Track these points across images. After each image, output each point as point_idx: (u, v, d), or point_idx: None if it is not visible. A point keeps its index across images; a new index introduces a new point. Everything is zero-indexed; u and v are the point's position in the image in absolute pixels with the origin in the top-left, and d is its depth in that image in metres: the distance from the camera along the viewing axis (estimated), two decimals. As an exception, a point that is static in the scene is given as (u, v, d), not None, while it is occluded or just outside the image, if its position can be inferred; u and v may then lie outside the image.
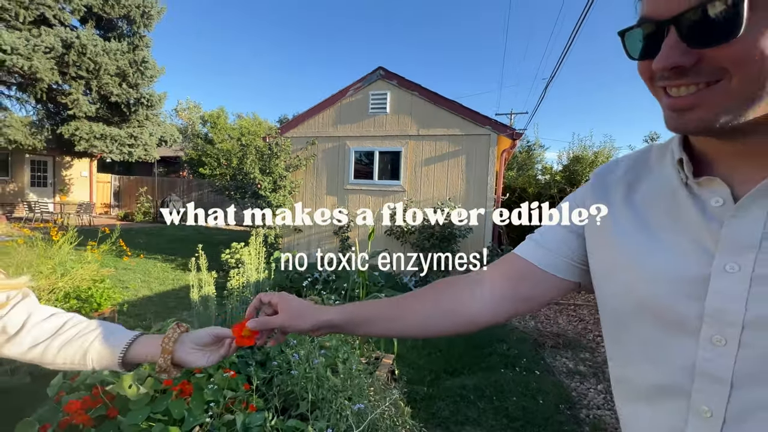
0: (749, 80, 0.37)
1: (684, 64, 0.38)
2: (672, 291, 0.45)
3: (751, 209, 0.41)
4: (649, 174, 0.53)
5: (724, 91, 0.38)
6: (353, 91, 6.28)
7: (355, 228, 6.30)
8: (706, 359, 0.43)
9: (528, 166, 11.49)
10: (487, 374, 3.23)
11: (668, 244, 0.47)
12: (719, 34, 0.36)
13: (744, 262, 0.41)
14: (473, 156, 5.76)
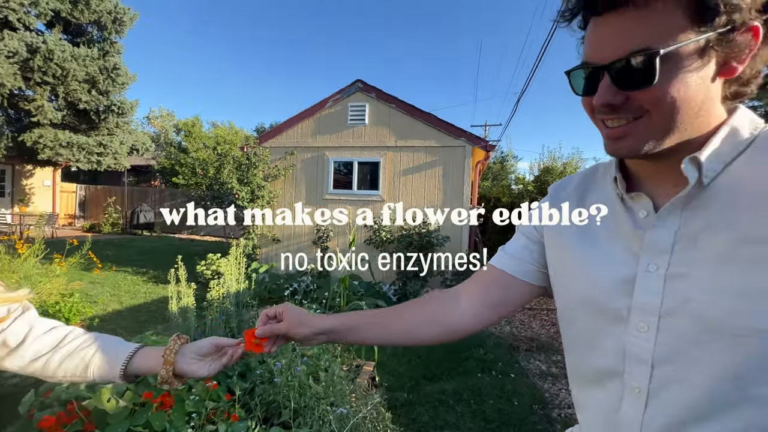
0: (664, 117, 0.46)
1: (615, 103, 0.47)
2: (608, 289, 0.54)
3: (667, 219, 0.50)
4: (596, 188, 0.63)
5: (646, 125, 0.47)
6: (332, 102, 6.37)
7: (335, 237, 6.32)
8: (632, 344, 0.51)
9: (502, 176, 11.89)
10: (465, 379, 3.32)
11: (607, 250, 0.56)
12: (640, 81, 0.45)
13: (661, 262, 0.49)
14: (449, 167, 5.94)
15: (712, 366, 0.45)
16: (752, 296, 0.42)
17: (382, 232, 5.73)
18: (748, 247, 0.43)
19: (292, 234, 6.60)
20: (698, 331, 0.46)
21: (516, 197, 8.90)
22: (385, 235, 5.72)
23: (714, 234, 0.46)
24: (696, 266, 0.47)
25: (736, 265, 0.44)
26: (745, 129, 0.48)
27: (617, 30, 0.45)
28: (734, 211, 0.45)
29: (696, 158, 0.47)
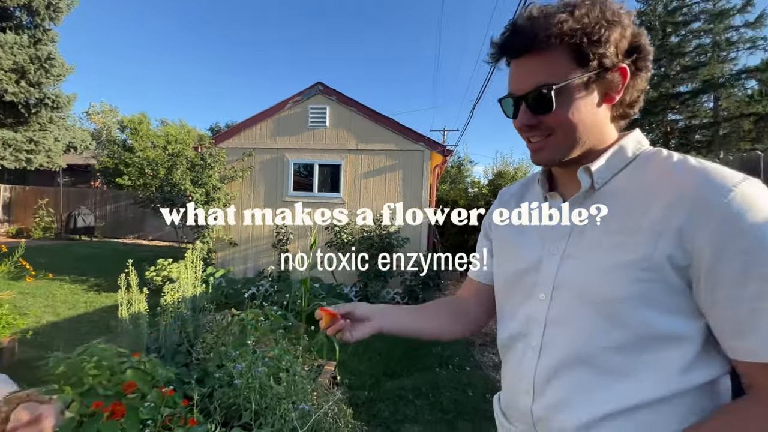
0: (567, 134, 0.62)
1: (531, 124, 0.62)
2: (525, 268, 0.70)
3: (567, 213, 0.66)
4: (531, 191, 0.79)
5: (555, 141, 0.63)
6: (292, 104, 6.32)
7: (295, 240, 6.25)
8: (534, 309, 0.66)
9: (459, 180, 12.37)
10: (424, 374, 3.46)
11: (529, 239, 0.71)
12: (544, 108, 0.60)
13: (560, 247, 0.65)
14: (409, 170, 6.12)
15: (581, 325, 0.60)
16: (605, 273, 0.57)
17: (344, 234, 5.77)
18: (610, 237, 0.59)
19: (250, 237, 6.43)
20: (575, 299, 0.61)
21: (472, 200, 9.32)
22: (346, 237, 5.76)
23: (594, 227, 0.61)
24: (579, 251, 0.62)
25: (601, 251, 0.59)
26: (630, 148, 0.63)
27: (527, 70, 0.61)
28: (612, 211, 0.60)
29: (588, 168, 0.62)
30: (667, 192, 0.55)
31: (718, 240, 0.50)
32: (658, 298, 0.55)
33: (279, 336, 2.21)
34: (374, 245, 5.57)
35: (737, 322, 0.50)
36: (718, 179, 0.52)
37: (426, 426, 2.65)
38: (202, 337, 2.21)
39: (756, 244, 0.48)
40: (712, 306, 0.52)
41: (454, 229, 9.63)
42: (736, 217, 0.49)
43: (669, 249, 0.53)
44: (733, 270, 0.49)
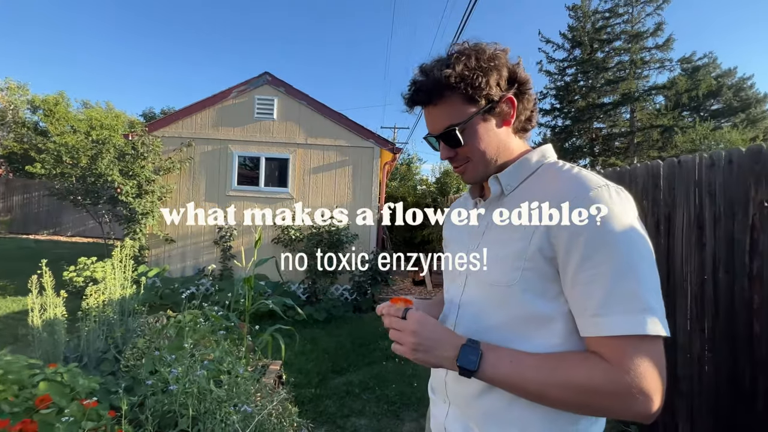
0: (480, 159, 0.75)
1: (451, 155, 0.76)
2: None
3: (482, 215, 0.79)
4: (468, 200, 0.91)
5: (473, 165, 0.76)
6: (237, 93, 6.00)
7: (239, 236, 5.98)
8: (454, 294, 0.80)
9: (408, 177, 12.64)
10: (371, 369, 3.53)
11: (460, 237, 0.84)
12: (456, 143, 0.74)
13: (476, 243, 0.77)
14: (359, 167, 6.13)
15: (479, 306, 0.74)
16: (496, 263, 0.71)
17: (291, 230, 5.63)
18: (505, 233, 0.71)
19: (188, 233, 6.02)
20: (478, 284, 0.75)
21: (420, 197, 9.59)
22: (294, 233, 5.63)
23: (496, 225, 0.74)
24: (485, 244, 0.75)
25: (497, 245, 0.72)
26: (534, 160, 0.76)
27: (433, 116, 0.75)
28: (510, 211, 0.71)
29: (497, 177, 0.75)
30: (545, 195, 0.67)
31: (570, 234, 0.61)
32: (534, 285, 0.66)
33: (220, 337, 2.11)
34: (323, 242, 5.52)
35: (578, 303, 0.62)
36: (581, 184, 0.64)
37: (372, 418, 2.71)
38: (133, 342, 2.04)
39: (594, 238, 0.59)
40: (566, 289, 0.63)
41: (402, 226, 9.86)
42: (588, 210, 0.60)
43: (539, 242, 0.64)
44: (576, 259, 0.60)
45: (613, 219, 0.59)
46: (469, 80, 0.68)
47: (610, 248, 0.58)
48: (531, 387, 0.61)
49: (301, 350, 3.72)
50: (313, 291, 5.49)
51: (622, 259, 0.58)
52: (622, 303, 0.57)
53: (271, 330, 2.40)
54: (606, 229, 0.59)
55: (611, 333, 0.57)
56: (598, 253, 0.59)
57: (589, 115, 19.34)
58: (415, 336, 0.66)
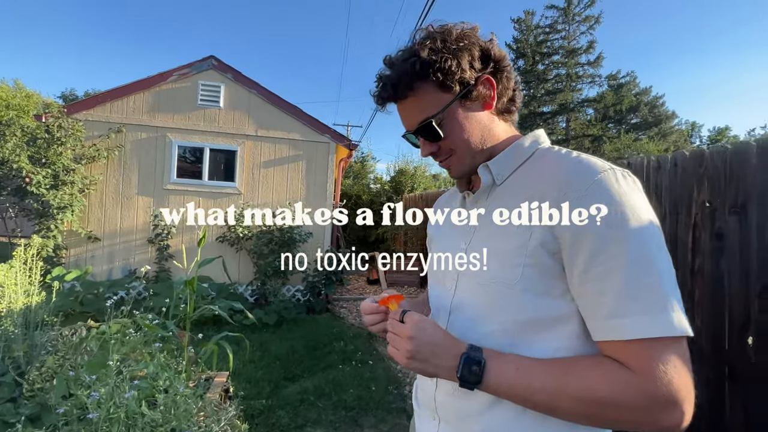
0: (465, 150, 0.67)
1: (433, 151, 0.69)
2: (441, 263, 0.74)
3: (474, 209, 0.71)
4: (455, 197, 0.83)
5: (457, 158, 0.69)
6: (177, 76, 5.44)
7: (179, 234, 5.44)
8: (443, 298, 0.71)
9: (362, 175, 12.54)
10: (327, 373, 3.35)
11: (448, 236, 0.76)
12: (435, 137, 0.66)
13: (468, 240, 0.69)
14: (313, 162, 5.88)
15: (476, 309, 0.65)
16: (495, 259, 0.62)
17: (239, 228, 5.24)
18: (502, 227, 0.63)
19: (118, 230, 5.35)
20: (472, 285, 0.66)
21: (375, 195, 9.52)
22: (242, 231, 5.24)
23: (490, 218, 0.65)
24: (479, 240, 0.67)
25: (494, 239, 0.64)
26: (526, 146, 0.69)
27: (407, 111, 0.68)
28: (506, 202, 0.64)
29: (487, 165, 0.67)
30: (545, 182, 0.60)
31: (577, 227, 0.54)
32: (536, 283, 0.58)
33: (155, 350, 1.83)
34: (274, 240, 5.21)
35: (589, 302, 0.54)
36: (586, 169, 0.57)
37: (329, 427, 2.56)
38: (40, 360, 1.69)
39: (605, 229, 0.52)
40: (573, 287, 0.56)
41: (356, 224, 9.72)
42: (595, 197, 0.53)
43: (542, 236, 0.57)
44: (585, 252, 0.53)
45: (625, 206, 0.52)
46: (439, 65, 0.62)
47: (624, 239, 0.51)
48: (540, 398, 0.54)
49: (251, 358, 3.44)
50: (262, 293, 5.15)
51: (638, 250, 0.51)
52: (642, 300, 0.50)
53: (217, 338, 2.14)
54: (618, 218, 0.52)
55: (633, 336, 0.49)
56: (611, 244, 0.51)
57: (530, 123, 20.68)
58: (412, 342, 0.57)
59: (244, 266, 5.55)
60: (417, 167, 9.33)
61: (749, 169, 1.62)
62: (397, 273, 7.01)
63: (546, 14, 20.81)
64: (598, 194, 0.53)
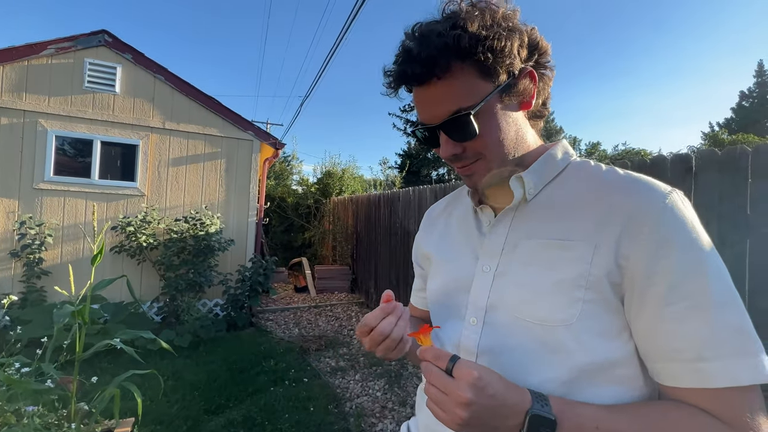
0: (495, 155, 0.57)
1: (457, 152, 0.57)
2: (455, 287, 0.63)
3: (498, 227, 0.60)
4: (460, 204, 0.73)
5: (484, 164, 0.58)
6: (55, 50, 4.42)
7: (57, 245, 4.41)
8: (465, 336, 0.59)
9: (285, 176, 11.90)
10: (257, 398, 2.99)
11: (460, 254, 0.65)
12: (466, 135, 0.54)
13: (492, 264, 0.59)
14: (234, 161, 5.32)
15: (517, 354, 0.54)
16: (542, 293, 0.52)
17: (142, 235, 4.45)
18: (545, 252, 0.54)
19: None
20: (510, 324, 0.55)
21: (300, 197, 9.08)
22: (145, 239, 4.47)
23: (528, 240, 0.56)
24: (512, 267, 0.57)
25: (536, 266, 0.54)
26: (559, 158, 0.61)
27: (434, 97, 0.54)
28: (544, 222, 0.56)
29: (521, 177, 0.58)
30: (600, 204, 0.52)
31: (649, 256, 0.47)
32: (597, 322, 0.50)
33: (27, 414, 1.36)
34: (187, 249, 4.55)
35: (664, 343, 0.47)
36: (649, 190, 0.51)
37: (264, 464, 2.25)
38: None
39: (682, 261, 0.46)
40: (640, 325, 0.49)
41: (280, 228, 9.14)
42: (671, 227, 0.48)
43: (607, 265, 0.49)
44: (661, 286, 0.47)
45: (699, 235, 0.48)
46: (489, 44, 0.50)
47: (704, 272, 0.46)
48: None
49: (162, 391, 2.90)
50: (172, 310, 4.45)
51: (719, 285, 0.46)
52: (731, 342, 0.44)
53: (119, 380, 1.70)
54: (694, 248, 0.47)
55: (726, 384, 0.43)
56: (690, 279, 0.46)
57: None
58: (469, 409, 0.43)
59: (148, 280, 4.75)
60: (345, 169, 9.14)
61: (665, 181, 1.84)
62: (327, 279, 6.75)
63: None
64: (672, 222, 0.48)
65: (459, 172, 0.61)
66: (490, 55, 0.51)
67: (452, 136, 0.55)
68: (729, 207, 1.57)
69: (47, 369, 1.60)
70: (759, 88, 27.04)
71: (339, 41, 7.16)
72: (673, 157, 1.82)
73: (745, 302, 0.46)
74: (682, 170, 1.76)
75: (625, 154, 28.25)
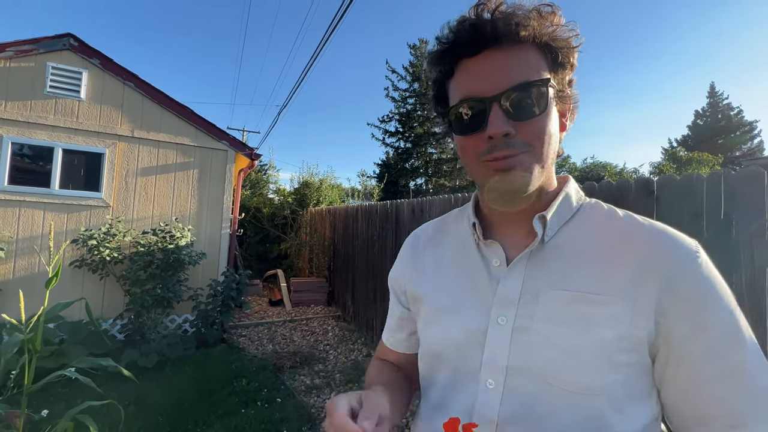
0: (544, 151, 0.50)
1: (510, 131, 0.47)
2: (463, 341, 0.53)
3: (514, 271, 0.52)
4: (450, 236, 0.63)
5: (531, 158, 0.49)
6: (14, 52, 4.18)
7: (9, 260, 4.11)
8: (481, 402, 0.50)
9: (261, 185, 11.67)
10: (227, 421, 2.86)
11: (465, 299, 0.55)
12: (529, 110, 0.48)
13: (509, 315, 0.50)
14: (207, 172, 5.17)
15: (549, 422, 0.46)
16: (580, 356, 0.46)
17: (105, 249, 4.22)
18: (575, 306, 0.48)
19: None
20: (540, 388, 0.47)
21: (277, 208, 8.91)
22: (109, 253, 4.23)
23: (552, 290, 0.49)
24: (537, 321, 0.49)
25: (568, 323, 0.47)
26: (574, 198, 0.56)
27: (500, 64, 0.48)
28: (567, 270, 0.50)
29: (544, 216, 0.52)
30: (628, 254, 0.48)
31: (686, 315, 0.45)
32: (639, 386, 0.47)
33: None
34: (155, 263, 4.35)
35: (698, 407, 0.46)
36: (680, 244, 0.48)
37: (233, 494, 2.14)
38: None
39: (720, 321, 0.45)
40: (675, 384, 0.47)
41: (255, 238, 8.91)
42: (705, 289, 0.46)
43: (647, 325, 0.45)
44: (698, 348, 0.45)
45: (728, 294, 0.46)
46: (564, 38, 0.49)
47: (741, 335, 0.45)
48: None
49: (124, 418, 2.72)
50: (137, 328, 4.22)
51: (753, 346, 0.45)
52: (765, 407, 0.43)
53: (73, 413, 1.58)
54: (729, 307, 0.45)
55: None
56: (727, 340, 0.44)
57: (425, 141, 22.39)
58: None
59: (111, 296, 4.50)
60: (323, 179, 9.07)
61: (629, 202, 1.93)
62: (303, 292, 6.62)
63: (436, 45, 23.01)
64: (710, 283, 0.46)
65: (496, 165, 0.49)
66: (564, 45, 0.49)
67: (512, 111, 0.47)
68: (688, 229, 1.67)
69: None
70: (711, 108, 29.15)
71: (317, 52, 7.16)
72: (636, 181, 1.92)
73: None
74: (644, 193, 1.86)
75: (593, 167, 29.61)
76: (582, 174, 31.01)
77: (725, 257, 1.52)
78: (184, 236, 4.55)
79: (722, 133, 27.43)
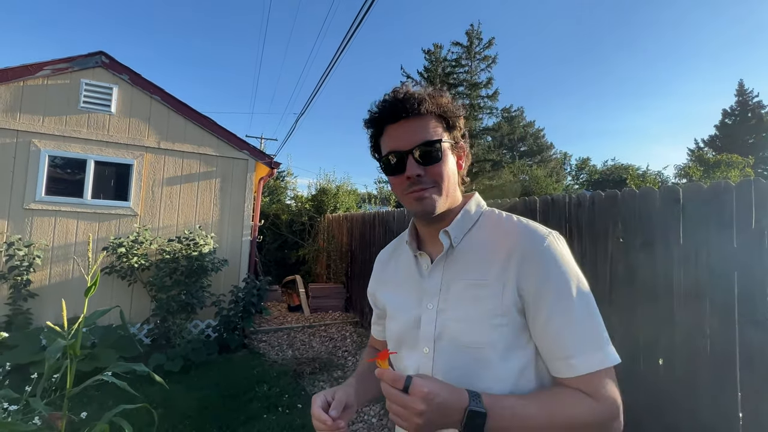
0: (446, 185, 0.72)
1: (420, 173, 0.70)
2: (407, 325, 0.76)
3: (435, 271, 0.75)
4: (403, 250, 0.86)
5: (437, 190, 0.72)
6: (52, 71, 4.44)
7: (46, 266, 4.33)
8: (422, 364, 0.72)
9: (279, 192, 11.88)
10: (249, 427, 2.93)
11: (406, 296, 0.79)
12: (432, 159, 0.71)
13: (434, 302, 0.73)
14: (229, 180, 5.32)
15: (461, 371, 0.68)
16: (472, 323, 0.68)
17: (133, 257, 4.40)
18: (470, 290, 0.69)
19: None
20: (454, 349, 0.69)
21: (295, 214, 9.06)
22: (137, 260, 4.41)
23: (458, 281, 0.71)
24: (449, 304, 0.71)
25: (465, 302, 0.69)
26: (473, 210, 0.78)
27: (411, 129, 0.71)
28: (467, 266, 0.71)
29: (446, 231, 0.73)
30: (502, 247, 0.69)
31: (537, 281, 0.65)
32: (512, 339, 0.66)
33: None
34: (180, 270, 4.50)
35: (550, 348, 0.65)
36: (533, 234, 0.68)
37: (257, 498, 2.18)
38: None
39: (559, 287, 0.64)
40: (536, 334, 0.66)
41: (274, 245, 9.08)
42: (548, 262, 0.65)
43: (512, 296, 0.66)
44: (546, 307, 0.64)
45: (568, 266, 0.66)
46: (452, 110, 0.74)
47: (572, 294, 0.64)
48: None
49: (149, 420, 2.82)
50: (163, 332, 4.36)
51: (583, 302, 0.64)
52: (590, 342, 0.63)
53: (109, 416, 1.66)
54: (566, 277, 0.65)
55: (588, 371, 0.61)
56: (564, 300, 0.63)
57: (441, 146, 22.37)
58: (423, 417, 0.55)
59: (139, 302, 4.67)
60: (339, 186, 9.18)
61: (654, 211, 1.89)
62: (321, 298, 6.69)
63: (452, 50, 22.98)
64: (550, 257, 0.65)
65: (413, 196, 0.72)
66: (452, 116, 0.73)
67: (421, 159, 0.70)
68: (715, 240, 1.62)
69: (36, 405, 1.56)
70: (740, 106, 28.02)
71: (336, 59, 7.28)
72: (662, 189, 1.88)
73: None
74: (670, 200, 1.82)
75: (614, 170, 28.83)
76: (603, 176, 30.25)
77: (756, 269, 1.48)
78: (207, 243, 4.69)
79: (753, 133, 26.32)
